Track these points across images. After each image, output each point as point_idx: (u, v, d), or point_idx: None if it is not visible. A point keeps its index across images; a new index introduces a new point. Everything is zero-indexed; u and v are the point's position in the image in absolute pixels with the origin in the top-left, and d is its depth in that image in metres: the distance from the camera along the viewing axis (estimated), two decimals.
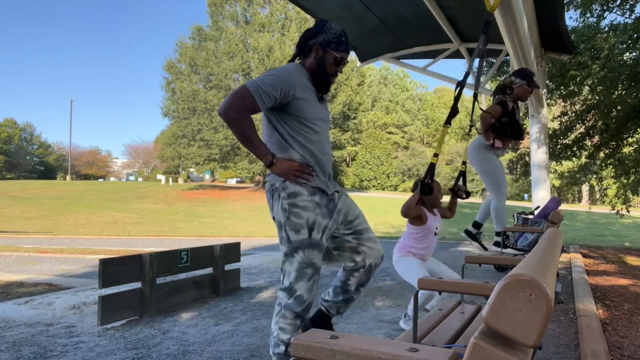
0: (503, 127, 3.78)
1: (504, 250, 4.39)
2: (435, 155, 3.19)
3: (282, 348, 2.10)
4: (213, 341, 3.16)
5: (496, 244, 4.40)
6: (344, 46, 2.13)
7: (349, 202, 2.29)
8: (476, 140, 4.08)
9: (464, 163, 3.68)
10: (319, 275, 2.14)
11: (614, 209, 10.62)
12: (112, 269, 3.63)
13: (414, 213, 3.10)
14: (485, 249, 4.47)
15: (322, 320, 2.39)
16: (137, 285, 3.84)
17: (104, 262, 3.57)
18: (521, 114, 3.72)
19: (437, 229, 3.27)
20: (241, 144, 2.05)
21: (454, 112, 3.16)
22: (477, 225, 4.44)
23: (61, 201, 26.81)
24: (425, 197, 3.07)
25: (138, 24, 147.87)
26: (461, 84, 3.20)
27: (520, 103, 4.04)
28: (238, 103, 1.92)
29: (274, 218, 2.12)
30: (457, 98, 3.18)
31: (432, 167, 3.10)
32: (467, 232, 4.48)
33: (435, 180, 3.20)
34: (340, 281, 2.31)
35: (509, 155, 12.43)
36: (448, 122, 3.17)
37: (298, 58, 2.22)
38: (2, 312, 3.98)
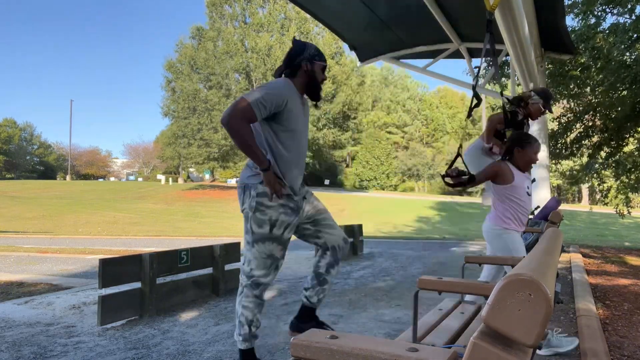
0: (506, 136, 3.75)
1: None
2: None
3: (247, 329, 2.37)
4: (213, 341, 3.16)
5: None
6: (323, 56, 2.56)
7: (315, 203, 2.64)
8: (476, 142, 4.06)
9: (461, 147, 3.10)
10: (278, 264, 2.45)
11: (616, 210, 10.60)
12: (112, 269, 3.63)
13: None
14: None
15: (307, 314, 2.63)
16: (137, 285, 3.84)
17: (104, 262, 3.57)
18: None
19: (528, 188, 2.92)
20: (240, 150, 2.32)
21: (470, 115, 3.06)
22: None
23: (61, 201, 26.81)
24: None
25: (138, 24, 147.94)
26: (475, 90, 3.04)
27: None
28: (239, 114, 2.18)
29: (243, 211, 2.44)
30: (473, 102, 3.05)
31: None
32: None
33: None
34: (314, 265, 2.64)
35: None
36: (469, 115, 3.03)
37: (284, 74, 2.51)
38: (2, 312, 3.98)
